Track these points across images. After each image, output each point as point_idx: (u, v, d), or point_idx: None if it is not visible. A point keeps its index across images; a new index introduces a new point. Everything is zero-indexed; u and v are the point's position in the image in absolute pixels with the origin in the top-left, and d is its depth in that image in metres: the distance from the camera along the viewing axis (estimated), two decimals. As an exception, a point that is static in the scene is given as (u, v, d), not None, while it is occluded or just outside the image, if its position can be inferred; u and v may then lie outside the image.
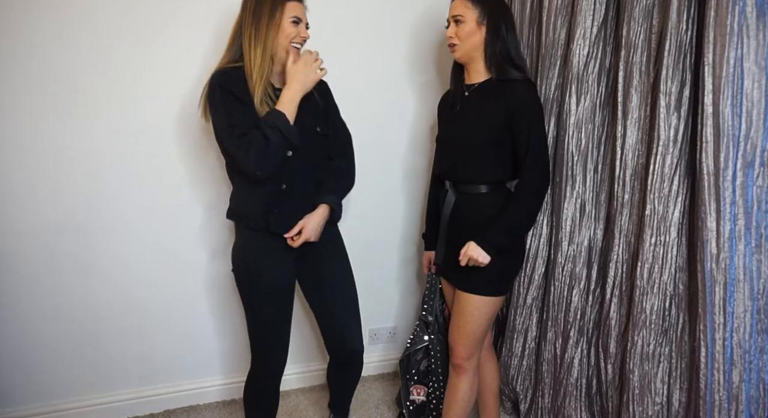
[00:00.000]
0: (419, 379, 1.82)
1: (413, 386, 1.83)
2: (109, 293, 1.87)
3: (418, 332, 1.80)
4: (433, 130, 2.12)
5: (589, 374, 1.73)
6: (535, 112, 1.45)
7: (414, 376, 1.82)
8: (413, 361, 1.81)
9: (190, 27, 1.80)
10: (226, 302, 2.04)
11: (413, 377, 1.82)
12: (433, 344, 1.76)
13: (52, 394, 1.86)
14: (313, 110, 1.49)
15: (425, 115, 2.17)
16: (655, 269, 1.45)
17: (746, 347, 1.22)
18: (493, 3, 1.48)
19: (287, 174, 1.43)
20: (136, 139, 1.81)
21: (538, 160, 1.44)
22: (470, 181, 1.54)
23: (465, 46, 1.49)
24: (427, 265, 1.79)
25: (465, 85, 1.57)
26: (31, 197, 1.73)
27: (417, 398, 1.83)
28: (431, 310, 1.76)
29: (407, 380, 1.83)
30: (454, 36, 1.49)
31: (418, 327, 1.80)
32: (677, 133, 1.39)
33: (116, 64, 1.74)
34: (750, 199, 1.20)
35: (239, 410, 2.04)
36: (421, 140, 2.19)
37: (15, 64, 1.65)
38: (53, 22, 1.66)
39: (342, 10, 1.96)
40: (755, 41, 1.16)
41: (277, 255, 1.47)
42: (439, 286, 1.77)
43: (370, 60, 2.05)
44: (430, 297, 1.77)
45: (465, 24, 1.47)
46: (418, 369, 1.81)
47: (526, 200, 1.45)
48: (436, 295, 1.77)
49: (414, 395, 1.82)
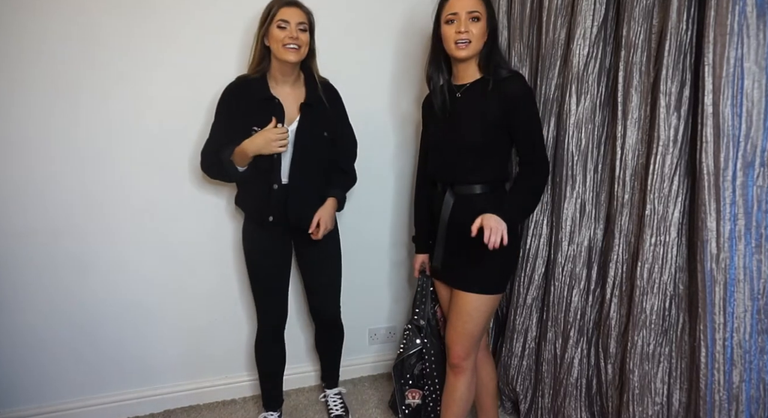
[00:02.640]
0: (414, 383, 1.82)
1: (408, 391, 1.82)
2: (109, 293, 1.87)
3: (411, 336, 1.79)
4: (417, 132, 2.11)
5: (589, 374, 1.73)
6: (530, 105, 1.48)
7: (408, 380, 1.82)
8: (407, 365, 1.80)
9: (188, 28, 1.81)
10: (226, 302, 2.04)
11: (408, 382, 1.82)
12: (427, 348, 1.76)
13: (52, 394, 1.86)
14: (322, 117, 1.64)
15: (413, 119, 2.16)
16: (655, 269, 1.45)
17: (746, 347, 1.22)
18: (491, 5, 1.49)
19: (278, 176, 1.60)
20: (136, 138, 1.81)
21: (541, 149, 1.49)
22: (467, 182, 1.53)
23: (477, 45, 1.45)
24: (418, 268, 1.77)
25: (455, 86, 1.55)
26: (31, 197, 1.73)
27: (412, 401, 1.83)
28: (423, 314, 1.75)
29: (401, 384, 1.82)
30: (470, 31, 1.42)
31: (410, 331, 1.79)
32: (677, 133, 1.39)
33: (116, 64, 1.75)
34: (750, 199, 1.20)
35: (239, 410, 2.04)
36: (409, 144, 2.18)
37: (15, 64, 1.65)
38: (53, 22, 1.66)
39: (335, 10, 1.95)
40: (755, 41, 1.16)
41: (275, 236, 1.69)
42: (431, 289, 1.76)
43: (359, 62, 2.03)
44: (422, 301, 1.76)
45: (480, 22, 1.44)
46: (412, 373, 1.81)
47: (535, 183, 1.49)
48: (428, 298, 1.75)
49: (409, 399, 1.82)
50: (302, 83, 1.64)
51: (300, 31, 1.52)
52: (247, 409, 2.05)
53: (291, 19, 1.50)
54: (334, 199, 1.71)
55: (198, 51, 1.83)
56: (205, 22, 1.82)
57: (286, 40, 1.49)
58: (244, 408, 2.05)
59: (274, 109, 1.57)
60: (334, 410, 1.98)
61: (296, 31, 1.51)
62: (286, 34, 1.49)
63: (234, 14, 1.84)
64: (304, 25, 1.54)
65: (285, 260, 1.77)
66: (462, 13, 1.43)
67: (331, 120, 1.68)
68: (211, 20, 1.83)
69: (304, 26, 1.54)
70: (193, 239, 1.95)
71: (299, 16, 1.53)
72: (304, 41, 1.55)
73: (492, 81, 1.47)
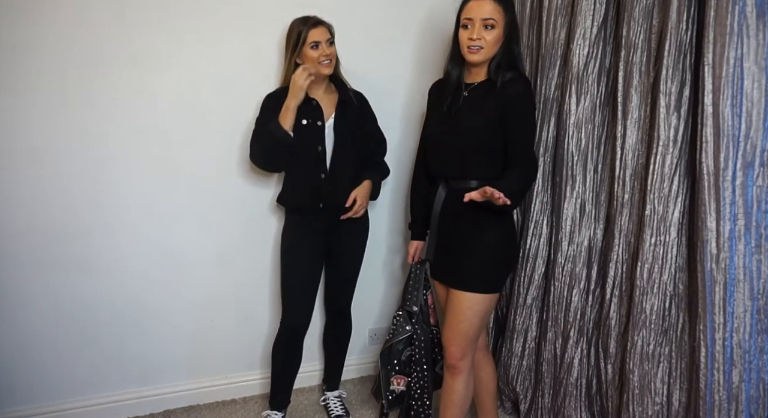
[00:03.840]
0: (400, 369, 1.81)
1: (394, 377, 1.81)
2: (109, 293, 1.87)
3: (401, 322, 1.78)
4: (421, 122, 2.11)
5: (589, 374, 1.73)
6: (525, 106, 1.46)
7: (395, 366, 1.81)
8: (395, 351, 1.80)
9: (186, 28, 1.81)
10: (226, 302, 2.04)
11: (394, 368, 1.81)
12: (417, 334, 1.75)
13: (52, 394, 1.86)
14: (353, 114, 1.81)
15: (414, 109, 2.17)
16: (655, 269, 1.45)
17: (746, 347, 1.22)
18: (513, 11, 1.48)
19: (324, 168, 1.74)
20: (136, 138, 1.81)
21: (530, 152, 1.49)
22: (462, 177, 1.54)
23: (489, 52, 1.45)
24: (412, 254, 1.78)
25: (465, 83, 1.56)
26: (31, 197, 1.72)
27: (397, 388, 1.82)
28: (416, 300, 1.76)
29: (388, 370, 1.81)
30: (482, 38, 1.43)
31: (401, 317, 1.79)
32: (677, 133, 1.39)
33: (116, 64, 1.74)
34: (750, 199, 1.20)
35: (239, 410, 2.04)
36: (411, 133, 2.18)
37: (15, 64, 1.65)
38: (54, 22, 1.66)
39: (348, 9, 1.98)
40: (755, 41, 1.16)
41: (311, 234, 1.80)
42: (424, 276, 1.76)
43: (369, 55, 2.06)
44: (414, 287, 1.77)
45: (495, 29, 1.43)
46: (399, 359, 1.81)
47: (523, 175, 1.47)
48: (420, 284, 1.75)
49: (394, 385, 1.82)
50: (333, 88, 1.81)
51: (329, 46, 1.70)
52: (247, 409, 2.05)
53: (321, 38, 1.67)
54: (370, 181, 1.85)
55: (207, 54, 1.84)
56: (214, 23, 1.83)
57: (321, 58, 1.67)
58: (244, 408, 2.05)
59: (313, 110, 1.73)
60: (335, 410, 1.99)
61: (327, 47, 1.68)
62: (320, 53, 1.67)
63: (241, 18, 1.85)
64: (330, 39, 1.71)
65: (319, 261, 1.86)
66: (477, 20, 1.43)
67: (361, 119, 1.85)
68: (219, 22, 1.84)
69: (330, 41, 1.71)
70: (193, 239, 1.95)
71: (326, 33, 1.69)
72: (334, 54, 1.73)
73: (498, 82, 1.47)
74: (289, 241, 1.83)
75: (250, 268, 2.05)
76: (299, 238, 1.81)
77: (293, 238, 1.82)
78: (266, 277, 2.07)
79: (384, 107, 2.01)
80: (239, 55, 1.88)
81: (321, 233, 1.81)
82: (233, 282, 2.03)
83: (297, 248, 1.80)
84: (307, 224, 1.80)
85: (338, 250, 1.87)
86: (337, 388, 2.07)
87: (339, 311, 1.99)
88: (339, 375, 2.07)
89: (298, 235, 1.81)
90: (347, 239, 1.87)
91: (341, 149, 1.77)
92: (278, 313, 1.89)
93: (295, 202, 1.81)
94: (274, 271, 2.07)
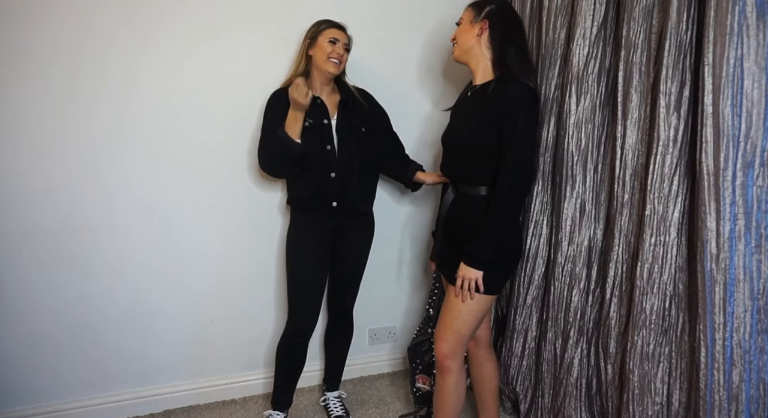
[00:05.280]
0: (423, 369, 1.86)
1: (418, 375, 1.87)
2: (109, 293, 1.87)
3: (426, 321, 1.84)
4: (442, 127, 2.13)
5: (589, 374, 1.73)
6: (521, 113, 1.40)
7: (419, 365, 1.86)
8: (419, 351, 1.85)
9: (195, 27, 1.81)
10: (226, 302, 2.04)
11: (418, 367, 1.87)
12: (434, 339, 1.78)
13: (52, 394, 1.86)
14: (359, 114, 1.82)
15: (436, 112, 2.18)
16: (655, 269, 1.45)
17: (746, 347, 1.22)
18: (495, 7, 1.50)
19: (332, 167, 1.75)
20: (136, 138, 1.81)
21: (515, 158, 1.40)
22: (469, 181, 1.54)
23: (458, 50, 1.57)
24: None
25: (471, 86, 1.59)
26: (31, 197, 1.73)
27: (422, 386, 1.87)
28: (435, 304, 1.80)
29: (413, 367, 1.88)
30: (455, 36, 1.57)
31: (427, 317, 1.84)
32: (677, 133, 1.39)
33: (116, 64, 1.75)
34: (750, 199, 1.20)
35: (239, 410, 2.04)
36: (431, 138, 2.20)
37: (15, 64, 1.65)
38: (66, 22, 1.66)
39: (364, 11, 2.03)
40: (755, 41, 1.16)
41: (318, 233, 1.80)
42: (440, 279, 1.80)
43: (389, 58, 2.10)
44: (434, 292, 1.81)
45: (461, 26, 1.56)
46: (422, 360, 1.86)
47: (502, 203, 1.42)
48: (441, 290, 1.79)
49: (419, 383, 1.86)
50: (337, 90, 1.84)
51: (344, 49, 1.75)
52: (247, 409, 2.05)
53: (340, 38, 1.74)
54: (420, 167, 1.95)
55: (214, 53, 1.84)
56: (218, 22, 1.83)
57: (333, 54, 1.71)
58: (244, 408, 2.06)
59: (318, 108, 1.74)
60: (335, 411, 1.99)
61: (342, 49, 1.74)
62: (334, 49, 1.71)
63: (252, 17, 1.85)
64: (347, 46, 1.77)
65: (326, 262, 1.85)
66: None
67: (369, 118, 1.86)
68: (228, 20, 1.84)
69: (347, 47, 1.77)
70: (193, 239, 1.95)
71: (345, 38, 1.76)
72: (345, 59, 1.77)
73: (497, 84, 1.46)
74: (296, 242, 1.81)
75: (252, 268, 2.05)
76: (307, 238, 1.80)
77: (301, 238, 1.81)
78: (268, 277, 2.08)
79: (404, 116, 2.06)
80: (247, 54, 1.89)
81: (329, 234, 1.81)
82: (235, 282, 2.04)
83: (305, 248, 1.80)
84: (315, 224, 1.79)
85: (344, 251, 1.87)
86: (337, 388, 2.08)
87: (342, 312, 1.98)
88: (339, 376, 2.08)
89: (306, 235, 1.80)
90: (354, 239, 1.87)
91: (344, 150, 1.77)
92: (279, 313, 1.90)
93: (306, 202, 1.79)
94: (276, 271, 2.07)
